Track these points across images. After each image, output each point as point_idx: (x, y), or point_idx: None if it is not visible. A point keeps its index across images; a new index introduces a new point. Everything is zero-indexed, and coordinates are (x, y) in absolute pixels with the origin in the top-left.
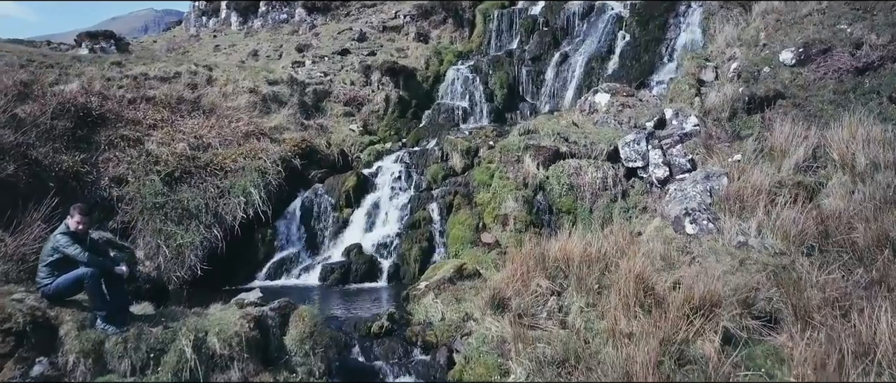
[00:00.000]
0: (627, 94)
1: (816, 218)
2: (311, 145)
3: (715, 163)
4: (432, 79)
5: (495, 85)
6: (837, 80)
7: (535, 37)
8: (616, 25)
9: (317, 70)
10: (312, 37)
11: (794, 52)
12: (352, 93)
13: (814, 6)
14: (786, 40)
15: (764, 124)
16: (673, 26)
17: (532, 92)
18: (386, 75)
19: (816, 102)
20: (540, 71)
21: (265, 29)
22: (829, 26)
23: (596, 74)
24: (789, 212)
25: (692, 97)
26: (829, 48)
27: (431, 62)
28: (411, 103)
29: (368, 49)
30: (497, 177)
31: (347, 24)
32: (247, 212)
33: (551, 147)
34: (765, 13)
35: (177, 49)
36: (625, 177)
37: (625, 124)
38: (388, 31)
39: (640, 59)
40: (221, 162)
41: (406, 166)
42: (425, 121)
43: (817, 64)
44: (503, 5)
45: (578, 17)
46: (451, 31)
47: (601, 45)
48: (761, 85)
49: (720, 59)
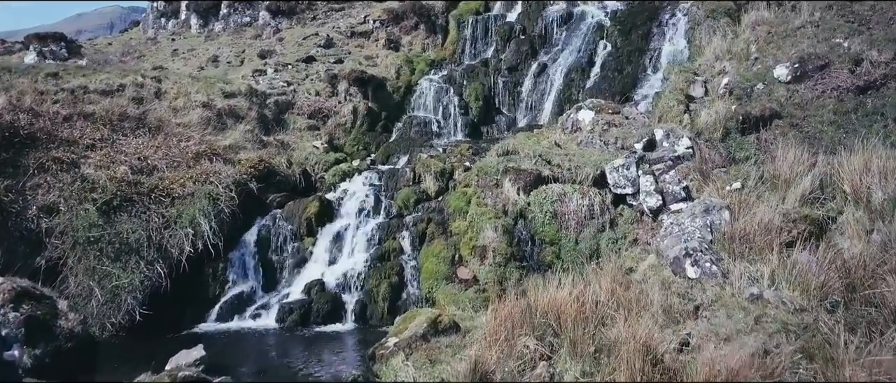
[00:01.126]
0: (613, 111)
1: (839, 267)
2: (270, 166)
3: (711, 190)
4: (403, 89)
5: (470, 96)
6: (837, 99)
7: (512, 45)
8: (597, 34)
9: (279, 79)
10: (276, 42)
11: (790, 68)
12: (317, 104)
13: (807, 18)
14: (779, 54)
15: (759, 145)
16: (657, 36)
17: (509, 104)
18: (354, 85)
19: (815, 123)
20: (517, 82)
21: (227, 32)
22: (825, 40)
23: (576, 86)
24: (804, 255)
25: (681, 114)
26: (826, 64)
27: (402, 71)
28: (381, 115)
29: (335, 56)
30: (474, 204)
31: (314, 29)
32: (195, 245)
33: (532, 170)
34: (755, 25)
35: (132, 53)
36: (612, 204)
37: (611, 145)
38: (357, 37)
39: (623, 70)
40: (168, 187)
41: (374, 189)
42: (396, 135)
43: (815, 81)
44: (478, 11)
45: (557, 24)
46: (424, 37)
47: (581, 55)
48: (755, 103)
49: (709, 72)
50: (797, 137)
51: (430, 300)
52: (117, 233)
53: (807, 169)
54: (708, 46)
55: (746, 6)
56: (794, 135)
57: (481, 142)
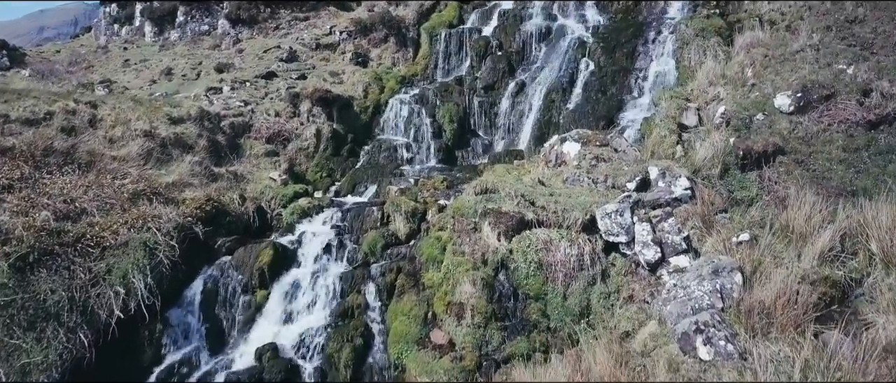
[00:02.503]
0: (600, 143)
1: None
2: (220, 204)
3: (715, 241)
4: (371, 109)
5: (444, 118)
6: (846, 135)
7: (488, 62)
8: (578, 51)
9: (236, 98)
10: (236, 54)
11: (792, 98)
12: (276, 126)
13: (805, 41)
14: (778, 80)
15: (762, 184)
16: (642, 55)
17: (485, 126)
18: (317, 105)
19: (822, 160)
20: (493, 102)
21: (183, 42)
22: (827, 66)
23: (556, 108)
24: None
25: (673, 145)
26: (832, 94)
27: (371, 89)
28: (347, 138)
29: (298, 71)
30: (450, 252)
31: (276, 40)
32: (127, 305)
33: (515, 213)
34: (750, 46)
35: (80, 63)
36: (604, 252)
37: (600, 183)
38: (322, 50)
39: (607, 91)
40: (98, 235)
41: (337, 231)
42: (364, 160)
43: (820, 113)
44: (451, 23)
45: (536, 39)
46: (394, 51)
47: (562, 74)
48: (756, 136)
49: (703, 98)
50: (803, 176)
51: (400, 367)
52: (33, 296)
53: (824, 219)
54: (700, 70)
55: (738, 25)
56: (800, 173)
57: (456, 169)
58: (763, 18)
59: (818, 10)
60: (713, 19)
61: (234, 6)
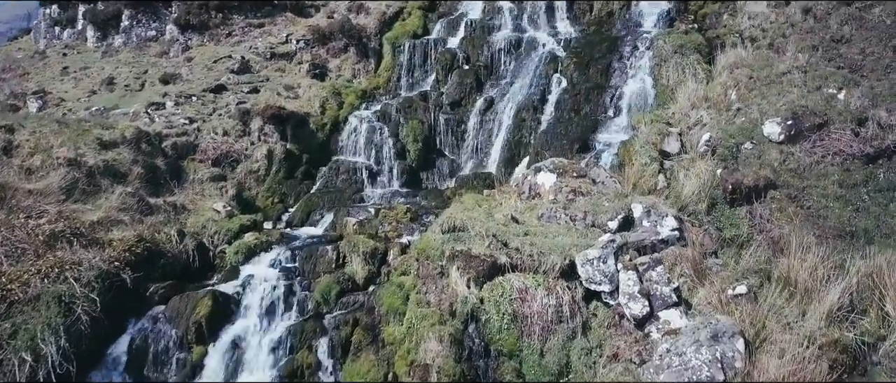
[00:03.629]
0: (577, 174)
1: None
2: (154, 243)
3: (709, 292)
4: (329, 126)
5: (407, 137)
6: (841, 168)
7: (454, 76)
8: (550, 66)
9: (180, 115)
10: (184, 62)
11: (782, 125)
12: (224, 147)
13: (792, 62)
14: (765, 105)
15: (753, 222)
16: (618, 71)
17: (452, 145)
18: (269, 123)
19: (817, 196)
20: (461, 120)
21: (128, 48)
22: (816, 89)
23: (527, 128)
24: None
25: (655, 174)
26: (824, 123)
27: (328, 105)
28: (302, 159)
29: (250, 84)
30: (413, 302)
31: (228, 48)
32: (36, 374)
33: (486, 256)
34: (733, 66)
35: (15, 69)
36: (584, 300)
37: (579, 221)
38: (277, 59)
39: (581, 110)
40: (4, 287)
41: (286, 275)
42: (320, 184)
43: (812, 143)
44: (415, 34)
45: (505, 52)
46: (354, 62)
47: (533, 90)
48: (745, 169)
49: (684, 123)
50: (798, 214)
51: None
52: None
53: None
54: (680, 91)
55: (718, 41)
56: (794, 210)
57: (421, 195)
58: (743, 35)
59: (801, 27)
60: (692, 35)
61: (183, 10)
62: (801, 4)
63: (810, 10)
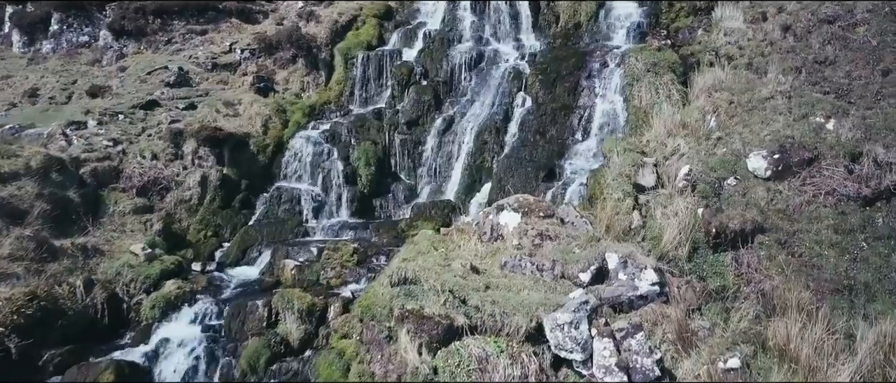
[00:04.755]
0: (544, 214)
1: None
2: (51, 300)
3: (696, 364)
4: (272, 148)
5: (359, 160)
6: (836, 211)
7: (412, 93)
8: (513, 84)
9: (104, 136)
10: (117, 72)
11: (768, 159)
12: (153, 172)
13: (775, 87)
14: (747, 135)
15: (739, 270)
16: (586, 90)
17: (408, 168)
18: (205, 145)
19: (810, 242)
20: (418, 140)
21: (58, 54)
22: (802, 118)
23: (490, 150)
24: None
25: (630, 211)
26: (814, 157)
27: (272, 124)
28: (240, 185)
29: (187, 99)
30: (356, 374)
31: (166, 57)
32: None
33: (441, 317)
34: (711, 90)
35: None
36: (552, 367)
37: (547, 271)
38: (219, 71)
39: (546, 132)
40: None
41: (209, 336)
42: (259, 213)
43: (802, 180)
44: (370, 45)
45: (466, 67)
46: (303, 74)
47: (495, 109)
48: (730, 209)
49: (660, 151)
50: (789, 263)
51: None
52: None
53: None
54: (655, 117)
55: (692, 59)
56: (785, 259)
57: (372, 228)
58: (719, 52)
59: (781, 46)
60: (665, 52)
61: (118, 15)
62: (779, 21)
63: (790, 28)
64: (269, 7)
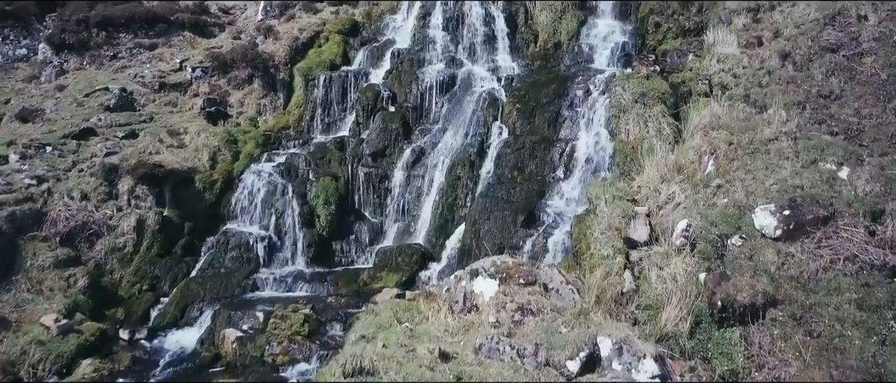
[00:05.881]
0: (525, 280)
1: None
2: None
3: None
4: (221, 184)
5: (318, 198)
6: (858, 281)
7: (378, 120)
8: (489, 111)
9: (27, 173)
10: (54, 92)
11: (778, 216)
12: (82, 216)
13: (779, 127)
14: (750, 182)
15: (749, 351)
16: (568, 121)
17: (374, 205)
18: (143, 183)
19: (830, 320)
20: (385, 174)
21: None
22: (811, 164)
23: (463, 187)
24: None
25: (621, 271)
26: (830, 215)
27: (221, 156)
28: (183, 229)
29: (128, 126)
30: None
31: (110, 74)
32: None
33: None
34: (708, 128)
35: None
36: None
37: (529, 357)
38: (168, 91)
39: (525, 168)
40: None
41: None
42: (204, 262)
43: (817, 241)
44: (333, 64)
45: (437, 91)
46: (260, 95)
47: (469, 140)
48: (737, 275)
49: (653, 200)
50: (807, 344)
51: None
52: None
53: None
54: (647, 158)
55: (683, 88)
56: (802, 339)
57: (331, 280)
58: (713, 81)
59: (780, 76)
60: (654, 81)
61: (58, 27)
62: (777, 47)
63: (789, 56)
64: (225, 19)
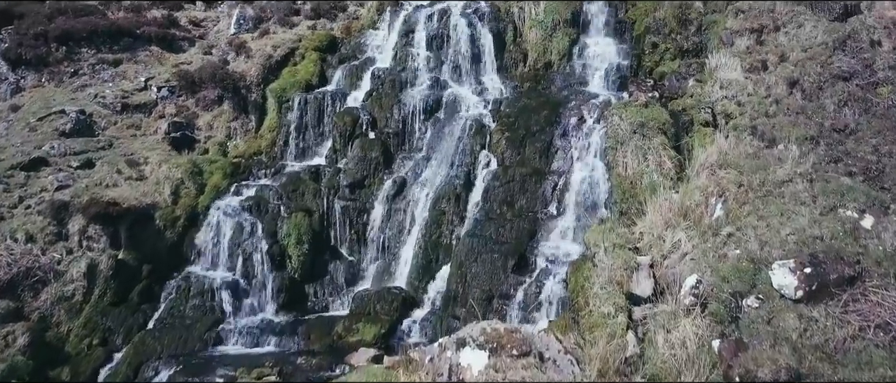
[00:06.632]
0: (519, 351)
1: None
2: None
3: None
4: (184, 222)
5: (289, 237)
6: (892, 354)
7: (356, 147)
8: (476, 139)
9: None
10: (8, 112)
11: (798, 275)
12: (26, 261)
13: (793, 167)
14: (765, 231)
15: None
16: (561, 151)
17: (351, 241)
18: (95, 223)
19: None
20: (363, 207)
21: None
22: (830, 211)
23: (448, 223)
24: None
25: (623, 332)
26: (857, 275)
27: (184, 190)
28: (141, 273)
29: (84, 154)
30: None
31: (69, 94)
32: None
33: None
34: (714, 167)
35: None
36: None
37: None
38: (131, 113)
39: (515, 202)
40: None
41: None
42: (163, 311)
43: (843, 304)
44: (308, 85)
45: (421, 115)
46: (230, 118)
47: (455, 171)
48: (755, 343)
49: (657, 248)
50: None
51: None
52: None
53: None
54: (650, 203)
55: (686, 117)
56: None
57: (302, 333)
58: (716, 109)
59: (788, 104)
60: (654, 110)
61: (15, 41)
62: (783, 73)
63: (797, 83)
64: (196, 33)
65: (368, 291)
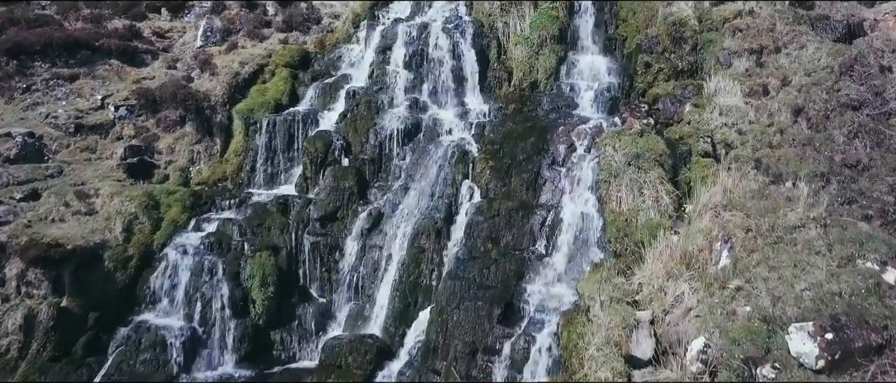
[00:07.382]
0: None
1: None
2: None
3: None
4: (137, 262)
5: (254, 278)
6: None
7: (329, 176)
8: (458, 167)
9: None
10: None
11: (819, 342)
12: None
13: (805, 211)
14: (777, 284)
15: None
16: (550, 183)
17: (322, 280)
18: (35, 267)
19: None
20: (335, 244)
21: None
22: (848, 262)
23: (429, 262)
24: None
25: None
26: (886, 342)
27: (138, 225)
28: (87, 321)
29: (29, 183)
30: None
31: (19, 113)
32: None
33: None
34: (718, 208)
35: None
36: None
37: None
38: (86, 134)
39: (500, 239)
40: None
41: None
42: (111, 365)
43: (872, 377)
44: (278, 105)
45: (399, 140)
46: (193, 140)
47: (436, 203)
48: None
49: (658, 302)
50: None
51: None
52: None
53: None
54: (650, 251)
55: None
56: None
57: None
58: (715, 138)
59: (793, 135)
60: (649, 139)
61: None
62: (786, 99)
63: (802, 111)
64: (160, 45)
65: (340, 339)
